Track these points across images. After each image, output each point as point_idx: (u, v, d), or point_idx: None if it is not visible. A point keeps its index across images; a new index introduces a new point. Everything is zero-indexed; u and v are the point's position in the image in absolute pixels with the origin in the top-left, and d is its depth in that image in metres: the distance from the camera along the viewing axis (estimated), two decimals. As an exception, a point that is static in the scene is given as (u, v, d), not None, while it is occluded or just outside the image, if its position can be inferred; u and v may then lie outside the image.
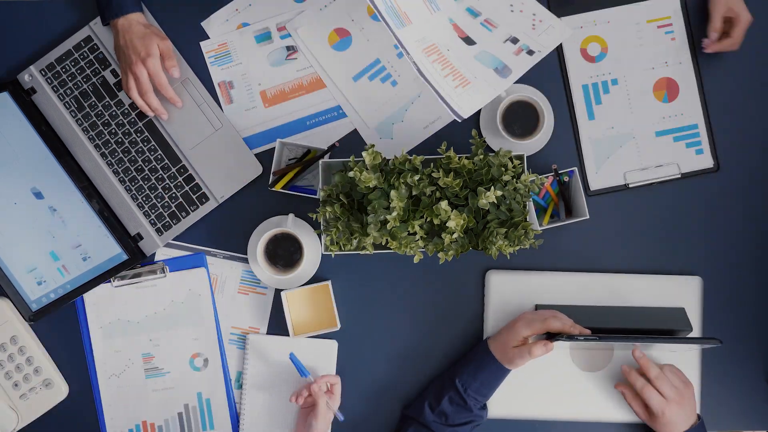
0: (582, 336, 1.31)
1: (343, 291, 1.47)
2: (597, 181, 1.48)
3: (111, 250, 1.47)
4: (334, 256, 1.47)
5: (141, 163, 1.49)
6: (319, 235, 1.43)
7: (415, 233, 1.33)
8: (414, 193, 1.33)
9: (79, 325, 1.49)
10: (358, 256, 1.47)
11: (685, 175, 1.48)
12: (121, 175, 1.49)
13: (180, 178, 1.49)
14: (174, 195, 1.49)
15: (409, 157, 1.36)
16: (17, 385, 1.46)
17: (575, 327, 1.33)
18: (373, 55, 1.49)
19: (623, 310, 1.43)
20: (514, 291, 1.45)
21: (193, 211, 1.49)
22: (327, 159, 1.43)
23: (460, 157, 1.34)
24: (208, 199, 1.49)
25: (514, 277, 1.46)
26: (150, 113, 1.47)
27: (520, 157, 1.39)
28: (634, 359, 1.40)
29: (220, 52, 1.50)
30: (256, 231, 1.47)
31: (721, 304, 1.47)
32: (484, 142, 1.44)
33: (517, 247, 1.34)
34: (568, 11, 1.49)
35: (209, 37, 1.51)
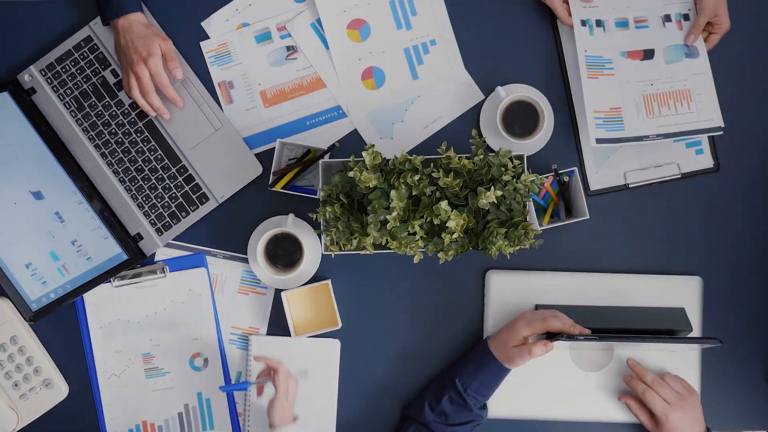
0: (582, 336, 1.31)
1: (343, 291, 1.47)
2: (597, 181, 1.48)
3: (111, 250, 1.47)
4: (334, 256, 1.47)
5: (141, 163, 1.49)
6: (319, 235, 1.43)
7: (415, 233, 1.33)
8: (414, 193, 1.33)
9: (79, 325, 1.49)
10: (358, 256, 1.47)
11: (685, 175, 1.48)
12: (121, 175, 1.49)
13: (180, 178, 1.49)
14: (174, 195, 1.49)
15: (409, 157, 1.35)
16: (17, 385, 1.46)
17: (575, 327, 1.33)
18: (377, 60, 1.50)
19: (623, 310, 1.43)
20: (514, 291, 1.45)
21: (193, 211, 1.49)
22: (327, 159, 1.43)
23: (460, 157, 1.34)
24: (208, 199, 1.49)
25: (514, 277, 1.46)
26: (152, 113, 1.47)
27: (520, 157, 1.39)
28: (629, 368, 1.41)
29: (220, 52, 1.50)
30: (256, 231, 1.47)
31: (721, 304, 1.47)
32: (484, 142, 1.44)
33: (517, 247, 1.33)
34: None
35: (209, 37, 1.50)
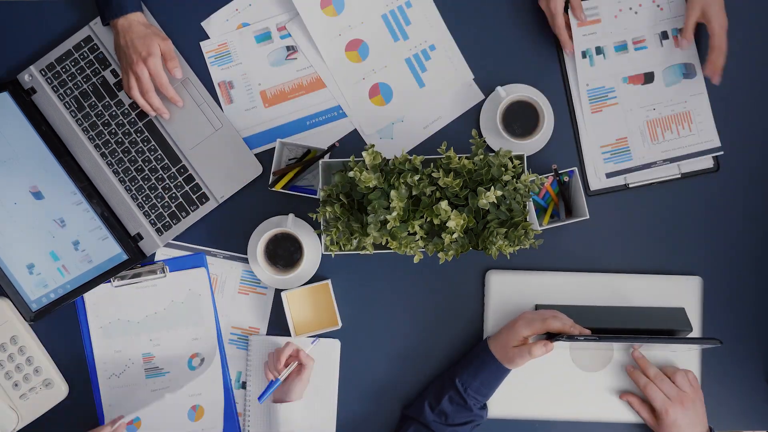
0: (582, 336, 1.31)
1: (342, 291, 1.47)
2: (597, 181, 1.48)
3: (111, 250, 1.47)
4: (334, 256, 1.47)
5: (141, 163, 1.49)
6: (319, 235, 1.43)
7: (415, 233, 1.33)
8: (414, 193, 1.33)
9: (79, 325, 1.49)
10: (358, 256, 1.47)
11: (685, 175, 1.48)
12: (121, 175, 1.49)
13: (180, 178, 1.49)
14: (174, 195, 1.49)
15: (409, 157, 1.35)
16: (17, 385, 1.46)
17: (575, 327, 1.33)
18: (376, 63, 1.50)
19: (623, 310, 1.43)
20: (514, 291, 1.45)
21: (193, 211, 1.49)
22: (327, 159, 1.43)
23: (460, 157, 1.34)
24: (208, 199, 1.49)
25: (514, 277, 1.46)
26: (152, 113, 1.47)
27: (520, 157, 1.39)
28: (633, 360, 1.41)
29: (220, 52, 1.50)
30: (256, 231, 1.47)
31: (721, 304, 1.47)
32: (484, 142, 1.44)
33: (517, 247, 1.33)
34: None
35: (209, 37, 1.50)
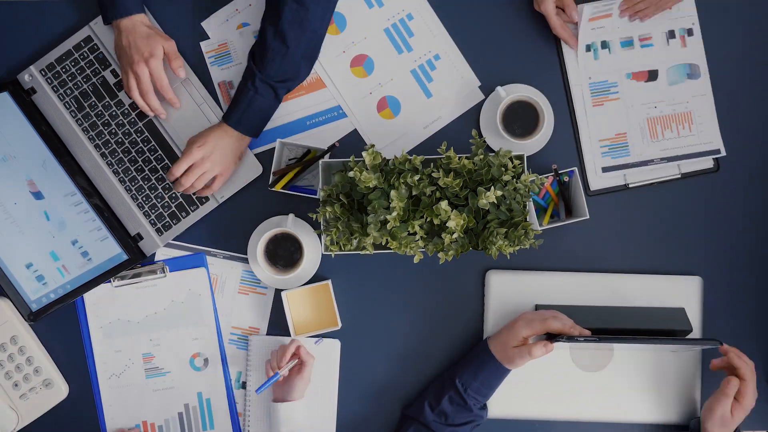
0: (582, 337, 1.31)
1: (343, 291, 1.47)
2: (597, 181, 1.48)
3: (111, 250, 1.47)
4: (334, 256, 1.47)
5: (141, 163, 1.49)
6: (319, 235, 1.43)
7: (415, 233, 1.33)
8: (414, 193, 1.33)
9: (79, 325, 1.49)
10: (358, 256, 1.47)
11: (685, 175, 1.48)
12: (121, 175, 1.49)
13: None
14: (174, 195, 1.49)
15: (409, 157, 1.35)
16: (17, 385, 1.46)
17: (575, 328, 1.33)
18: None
19: (623, 310, 1.43)
20: (514, 291, 1.45)
21: (193, 211, 1.49)
22: (327, 159, 1.43)
23: (460, 157, 1.34)
24: (208, 199, 1.49)
25: (514, 277, 1.46)
26: (150, 113, 1.47)
27: (520, 157, 1.39)
28: (722, 353, 1.35)
29: (220, 52, 1.50)
30: (256, 231, 1.47)
31: (721, 304, 1.47)
32: (484, 142, 1.44)
33: (517, 247, 1.33)
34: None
35: (209, 37, 1.50)
